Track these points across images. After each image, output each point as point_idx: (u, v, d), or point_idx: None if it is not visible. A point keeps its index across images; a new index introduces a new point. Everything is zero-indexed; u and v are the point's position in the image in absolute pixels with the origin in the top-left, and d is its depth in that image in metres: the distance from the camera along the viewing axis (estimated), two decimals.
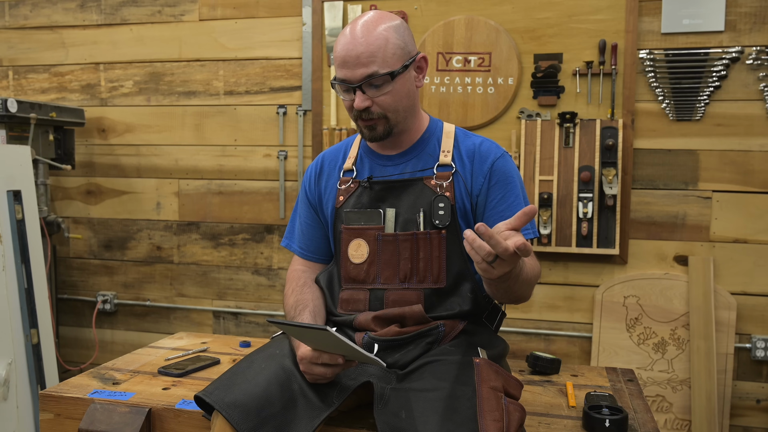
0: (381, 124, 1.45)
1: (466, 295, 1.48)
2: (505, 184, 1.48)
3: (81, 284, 3.32)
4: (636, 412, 1.52)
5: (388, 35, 1.41)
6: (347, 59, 1.40)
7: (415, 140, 1.55)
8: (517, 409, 1.26)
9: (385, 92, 1.42)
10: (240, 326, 3.12)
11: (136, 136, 3.20)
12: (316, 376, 1.32)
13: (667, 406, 2.62)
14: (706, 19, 2.56)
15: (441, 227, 1.46)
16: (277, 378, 1.32)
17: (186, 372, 1.75)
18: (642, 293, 2.66)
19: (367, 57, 1.39)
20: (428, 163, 1.52)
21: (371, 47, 1.39)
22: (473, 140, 1.54)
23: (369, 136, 1.48)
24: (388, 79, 1.41)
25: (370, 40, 1.39)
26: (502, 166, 1.50)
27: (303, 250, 1.67)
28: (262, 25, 3.01)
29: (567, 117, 2.65)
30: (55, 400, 1.60)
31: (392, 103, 1.44)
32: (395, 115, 1.45)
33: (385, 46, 1.40)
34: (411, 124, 1.53)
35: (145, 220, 3.22)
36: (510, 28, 2.72)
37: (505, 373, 1.35)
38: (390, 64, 1.40)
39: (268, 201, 3.05)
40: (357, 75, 1.40)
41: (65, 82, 3.28)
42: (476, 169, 1.49)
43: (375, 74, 1.39)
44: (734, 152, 2.60)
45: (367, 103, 1.42)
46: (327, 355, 1.30)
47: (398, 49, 1.42)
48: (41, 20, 3.28)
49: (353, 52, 1.39)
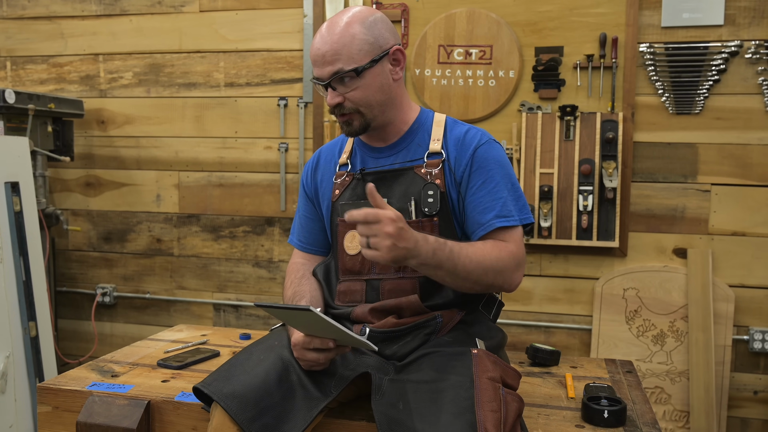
0: (356, 118, 1.47)
1: None
2: (486, 170, 1.47)
3: (80, 277, 3.32)
4: (634, 403, 1.53)
5: (354, 32, 1.43)
6: (316, 58, 1.44)
7: (404, 131, 1.55)
8: (514, 399, 1.27)
9: (353, 88, 1.44)
10: (240, 319, 3.12)
11: (135, 128, 3.19)
12: (310, 362, 1.33)
13: (666, 398, 2.63)
14: (705, 14, 2.57)
15: (430, 215, 1.47)
16: (275, 369, 1.33)
17: (185, 364, 1.75)
18: (641, 285, 2.67)
19: (331, 55, 1.42)
20: (418, 152, 1.53)
21: (335, 45, 1.42)
22: (461, 128, 1.54)
23: (347, 131, 1.51)
24: (354, 75, 1.42)
25: (335, 38, 1.42)
26: (484, 153, 1.48)
27: (302, 242, 1.68)
28: (263, 17, 3.00)
29: (568, 110, 2.65)
30: (53, 392, 1.59)
31: (363, 98, 1.45)
32: (368, 109, 1.46)
33: (350, 43, 1.42)
34: (393, 117, 1.53)
35: (145, 212, 3.21)
36: (511, 21, 2.71)
37: (503, 364, 1.35)
38: (356, 60, 1.42)
39: (269, 193, 3.05)
40: (325, 73, 1.43)
41: (64, 73, 3.27)
42: (460, 156, 1.49)
43: (340, 71, 1.42)
44: (733, 146, 2.60)
45: (338, 100, 1.45)
46: (318, 340, 1.31)
47: (365, 44, 1.43)
48: (40, 10, 3.27)
49: (320, 51, 1.43)
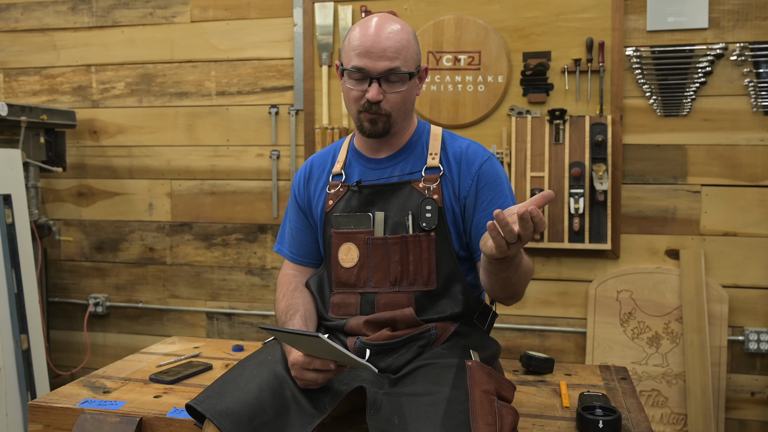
0: (382, 120, 1.47)
1: (457, 296, 1.48)
2: (494, 186, 1.50)
3: (72, 287, 3.31)
4: (629, 412, 1.53)
5: (410, 38, 1.46)
6: (372, 50, 1.41)
7: (403, 143, 1.56)
8: (510, 412, 1.27)
9: (398, 90, 1.44)
10: (234, 327, 3.12)
11: (128, 138, 3.19)
12: (308, 382, 1.32)
13: (663, 401, 2.63)
14: (690, 17, 2.58)
15: (428, 230, 1.47)
16: (269, 385, 1.32)
17: (178, 379, 1.74)
18: (635, 287, 2.68)
19: (393, 51, 1.41)
20: (416, 166, 1.53)
21: (398, 44, 1.42)
22: (460, 143, 1.55)
23: (369, 130, 1.48)
24: (406, 78, 1.44)
25: (398, 37, 1.42)
26: (490, 169, 1.51)
27: (293, 254, 1.67)
28: (254, 26, 3.00)
29: (557, 114, 2.65)
30: (44, 410, 1.57)
31: (399, 103, 1.46)
32: (398, 114, 1.47)
33: (407, 47, 1.44)
34: (403, 128, 1.55)
35: (137, 221, 3.21)
36: (499, 27, 2.72)
37: (498, 376, 1.35)
38: (409, 65, 1.44)
39: (261, 201, 3.05)
40: (379, 67, 1.41)
41: (56, 84, 3.26)
42: (464, 172, 1.50)
43: (397, 69, 1.42)
44: (721, 146, 2.62)
45: (380, 97, 1.43)
46: (319, 361, 1.29)
47: (415, 54, 1.47)
48: (32, 23, 3.26)
49: (380, 45, 1.41)
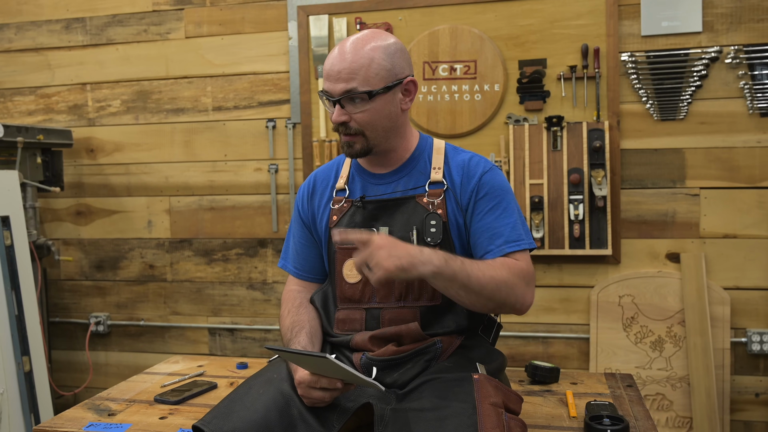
0: (359, 141, 1.47)
1: (462, 310, 1.47)
2: (493, 196, 1.49)
3: (73, 306, 3.30)
4: (637, 420, 1.53)
5: (374, 55, 1.43)
6: (330, 73, 1.44)
7: (405, 159, 1.55)
8: (518, 424, 1.26)
9: (362, 110, 1.44)
10: (236, 342, 3.11)
11: (125, 155, 3.18)
12: (315, 400, 1.32)
13: (668, 405, 2.63)
14: (684, 21, 2.59)
15: (433, 244, 1.46)
16: (275, 403, 1.32)
17: (183, 399, 1.73)
18: (636, 292, 2.68)
19: (347, 73, 1.42)
20: (420, 180, 1.53)
21: (354, 65, 1.41)
22: (463, 156, 1.55)
23: (347, 152, 1.50)
24: (366, 98, 1.43)
25: (356, 57, 1.42)
26: (490, 179, 1.50)
27: (298, 269, 1.67)
28: (249, 41, 3.01)
29: (554, 121, 2.66)
30: None
31: (369, 122, 1.45)
32: (373, 133, 1.47)
33: (368, 65, 1.42)
34: (396, 144, 1.53)
35: (137, 238, 3.20)
36: (494, 35, 2.73)
37: (505, 388, 1.34)
38: (371, 84, 1.42)
39: (261, 215, 3.04)
40: (337, 89, 1.43)
41: (52, 103, 3.26)
42: (465, 184, 1.50)
43: (353, 91, 1.42)
44: (719, 149, 2.62)
45: (343, 118, 1.45)
46: (326, 380, 1.29)
47: (382, 70, 1.43)
48: (26, 42, 3.26)
49: (336, 67, 1.43)
